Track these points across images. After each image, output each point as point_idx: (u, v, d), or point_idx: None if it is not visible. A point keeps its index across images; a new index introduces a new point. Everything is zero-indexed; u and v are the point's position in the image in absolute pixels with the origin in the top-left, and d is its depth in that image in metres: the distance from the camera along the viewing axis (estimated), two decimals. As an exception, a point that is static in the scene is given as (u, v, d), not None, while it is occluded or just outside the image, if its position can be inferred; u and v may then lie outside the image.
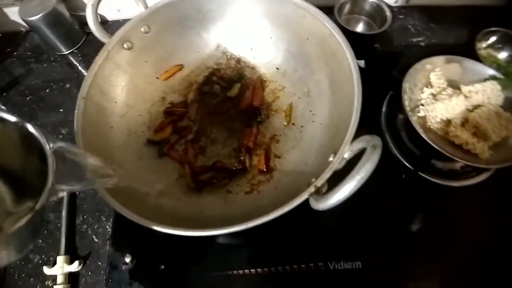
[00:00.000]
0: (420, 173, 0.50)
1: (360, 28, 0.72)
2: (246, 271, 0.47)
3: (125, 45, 0.51)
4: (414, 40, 0.73)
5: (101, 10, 0.77)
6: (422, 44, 0.72)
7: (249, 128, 0.51)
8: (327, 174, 0.34)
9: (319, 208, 0.31)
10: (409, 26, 0.74)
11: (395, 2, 0.76)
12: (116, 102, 0.50)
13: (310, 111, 0.50)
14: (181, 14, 0.53)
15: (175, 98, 0.57)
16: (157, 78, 0.56)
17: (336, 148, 0.37)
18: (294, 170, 0.45)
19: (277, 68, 0.56)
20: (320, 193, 0.33)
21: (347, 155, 0.35)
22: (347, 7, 0.70)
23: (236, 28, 0.57)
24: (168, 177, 0.49)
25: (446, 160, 0.51)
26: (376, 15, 0.69)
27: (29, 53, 0.80)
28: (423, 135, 0.46)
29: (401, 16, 0.76)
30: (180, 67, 0.58)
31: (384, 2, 0.67)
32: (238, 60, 0.58)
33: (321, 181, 0.34)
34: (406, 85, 0.50)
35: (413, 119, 0.47)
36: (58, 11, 0.70)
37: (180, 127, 0.52)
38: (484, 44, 0.60)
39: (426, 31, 0.73)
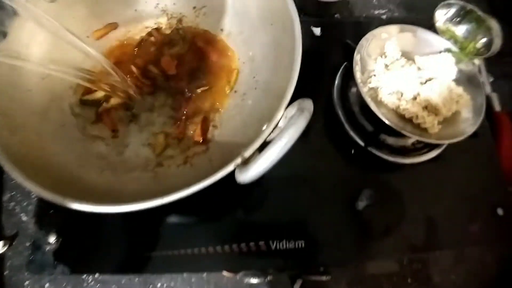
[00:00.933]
0: (369, 148, 0.48)
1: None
2: (183, 251, 0.44)
3: (47, -3, 0.43)
4: (376, 12, 0.69)
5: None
6: (384, 17, 0.69)
7: (187, 94, 0.46)
8: (256, 143, 0.30)
9: (241, 181, 0.28)
10: (372, -2, 0.71)
11: (359, -29, 0.72)
12: (35, 62, 0.43)
13: (254, 77, 0.45)
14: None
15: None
16: (87, 37, 0.50)
17: (271, 117, 0.33)
18: (232, 141, 0.41)
19: (221, 30, 0.50)
20: (247, 163, 0.30)
21: (282, 123, 0.31)
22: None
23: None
24: (95, 147, 0.44)
25: (397, 136, 0.49)
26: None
27: None
28: (372, 106, 0.43)
29: (365, -14, 0.72)
30: (114, 25, 0.51)
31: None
32: (180, 20, 0.51)
33: (249, 151, 0.30)
34: (358, 56, 0.47)
35: (364, 91, 0.45)
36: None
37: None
38: (443, 18, 0.58)
39: (389, 4, 0.70)
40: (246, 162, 0.30)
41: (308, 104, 0.27)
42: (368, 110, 0.44)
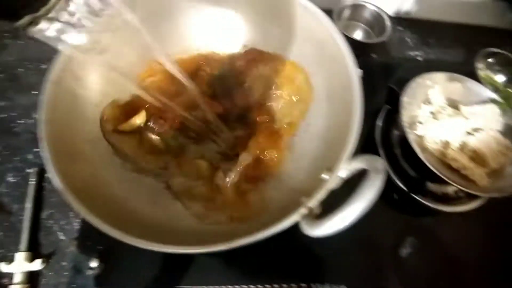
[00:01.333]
0: (413, 195, 0.48)
1: (358, 35, 0.69)
2: (223, 287, 0.44)
3: (109, 29, 0.45)
4: (412, 53, 0.71)
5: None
6: (419, 58, 0.70)
7: (239, 130, 0.47)
8: (320, 195, 0.31)
9: (312, 235, 0.28)
10: (407, 39, 0.73)
11: (395, 14, 0.74)
12: (90, 90, 0.45)
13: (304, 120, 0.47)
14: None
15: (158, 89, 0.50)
16: (136, 78, 0.51)
17: (331, 164, 0.34)
18: (284, 184, 0.42)
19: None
20: (312, 215, 0.30)
21: (344, 174, 0.32)
22: (346, 13, 0.67)
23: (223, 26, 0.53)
24: (145, 179, 0.45)
25: (440, 183, 0.49)
26: (375, 24, 0.67)
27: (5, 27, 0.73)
28: (421, 156, 0.43)
29: (400, 28, 0.74)
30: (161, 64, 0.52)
31: (384, 12, 0.65)
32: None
33: (313, 201, 0.30)
34: (405, 100, 0.48)
35: (411, 137, 0.45)
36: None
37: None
38: (483, 65, 0.59)
39: (424, 45, 0.72)
40: (310, 213, 0.30)
41: (381, 165, 0.27)
42: (413, 156, 0.45)
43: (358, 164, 0.31)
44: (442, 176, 0.42)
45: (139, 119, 0.48)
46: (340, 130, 0.37)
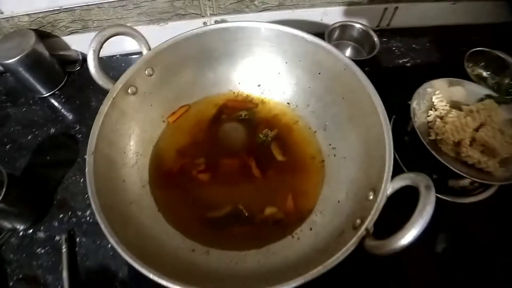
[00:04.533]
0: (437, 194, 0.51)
1: (349, 53, 0.74)
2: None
3: (129, 90, 0.48)
4: (400, 61, 0.75)
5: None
6: (408, 64, 0.75)
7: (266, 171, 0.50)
8: (375, 216, 0.33)
9: (378, 253, 0.31)
10: (393, 48, 0.78)
11: (377, 26, 0.79)
12: (125, 153, 0.47)
13: (330, 144, 0.50)
14: (185, 54, 0.52)
15: (184, 140, 0.54)
16: (163, 121, 0.54)
17: (374, 185, 0.36)
18: (326, 208, 0.44)
19: (288, 103, 0.56)
20: (370, 235, 0.33)
21: (388, 192, 0.35)
22: (336, 33, 0.72)
23: (242, 65, 0.56)
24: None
25: (458, 179, 0.53)
26: (364, 40, 0.71)
27: (4, 97, 0.74)
28: (440, 158, 0.47)
29: (384, 39, 0.79)
30: (187, 107, 0.56)
31: (370, 28, 0.69)
32: (246, 96, 0.57)
33: (369, 222, 0.33)
34: (414, 107, 0.51)
35: (426, 142, 0.49)
36: (37, 52, 0.66)
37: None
38: (471, 63, 0.64)
39: (409, 51, 0.77)
40: (368, 233, 0.32)
41: (429, 181, 0.30)
42: (429, 158, 0.48)
43: (401, 182, 0.34)
44: (462, 174, 0.46)
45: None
46: (370, 151, 0.40)
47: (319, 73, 0.50)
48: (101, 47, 0.44)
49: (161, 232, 0.44)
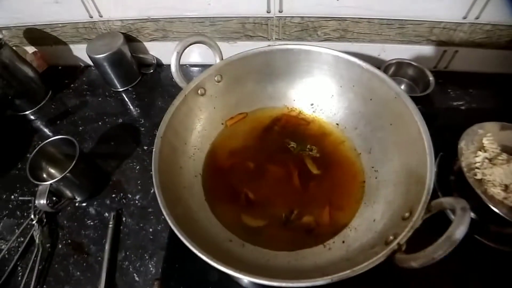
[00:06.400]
0: (477, 236, 0.50)
1: (403, 90, 0.75)
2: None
3: (199, 91, 0.55)
4: (454, 103, 0.75)
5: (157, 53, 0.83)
6: (462, 108, 0.74)
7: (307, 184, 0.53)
8: (409, 233, 0.35)
9: (407, 266, 0.32)
10: (449, 90, 0.78)
11: (434, 67, 0.80)
12: (185, 144, 0.53)
13: (372, 167, 0.52)
14: (251, 68, 0.58)
15: (237, 143, 0.60)
16: (222, 124, 0.60)
17: (411, 207, 0.38)
18: (361, 225, 0.46)
19: (337, 124, 0.59)
20: (401, 250, 0.34)
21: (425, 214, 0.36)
22: (392, 70, 0.74)
23: (299, 84, 0.61)
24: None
25: (503, 225, 0.51)
26: (418, 79, 0.73)
27: (86, 86, 0.85)
28: (486, 201, 0.46)
29: (440, 80, 0.79)
30: (244, 115, 0.62)
31: (425, 67, 0.71)
32: (299, 113, 0.61)
33: (404, 239, 0.34)
34: (462, 147, 0.52)
35: (471, 182, 0.49)
36: (122, 52, 0.76)
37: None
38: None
39: (465, 95, 0.76)
40: (400, 248, 0.34)
41: (466, 204, 0.31)
42: (473, 199, 0.47)
43: (440, 205, 0.35)
44: (506, 218, 0.45)
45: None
46: (411, 176, 0.42)
47: (371, 99, 0.53)
48: (183, 51, 0.51)
49: (204, 218, 0.48)
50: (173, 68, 0.51)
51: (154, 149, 0.46)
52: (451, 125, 0.56)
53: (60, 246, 0.58)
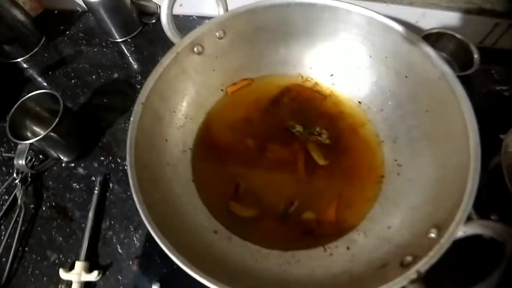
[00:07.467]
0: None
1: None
2: None
3: (195, 49, 0.46)
4: (497, 88, 0.65)
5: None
6: (506, 93, 0.64)
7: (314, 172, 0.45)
8: (433, 258, 0.27)
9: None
10: (493, 71, 0.67)
11: (480, 43, 0.69)
12: (174, 112, 0.46)
13: (396, 160, 0.43)
14: (262, 24, 0.48)
15: (238, 114, 0.52)
16: (221, 90, 0.52)
17: (438, 221, 0.30)
18: (372, 230, 0.39)
19: (359, 102, 0.50)
20: (420, 279, 0.27)
21: (458, 235, 0.28)
22: (430, 41, 0.63)
23: (320, 49, 0.51)
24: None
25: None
26: (460, 55, 0.62)
27: (82, 34, 0.78)
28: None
29: (484, 59, 0.68)
30: (249, 81, 0.53)
31: (472, 43, 0.60)
32: (315, 84, 0.52)
33: (425, 265, 0.27)
34: (508, 144, 0.44)
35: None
36: (120, -3, 0.67)
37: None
38: None
39: (510, 79, 0.66)
40: (419, 277, 0.26)
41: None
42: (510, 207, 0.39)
43: (482, 229, 0.27)
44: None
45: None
46: (446, 181, 0.33)
47: (406, 77, 0.44)
48: (177, -3, 0.42)
49: (188, 203, 0.42)
50: (163, 18, 0.42)
51: (132, 119, 0.39)
52: (490, 113, 0.47)
53: (43, 208, 0.55)
